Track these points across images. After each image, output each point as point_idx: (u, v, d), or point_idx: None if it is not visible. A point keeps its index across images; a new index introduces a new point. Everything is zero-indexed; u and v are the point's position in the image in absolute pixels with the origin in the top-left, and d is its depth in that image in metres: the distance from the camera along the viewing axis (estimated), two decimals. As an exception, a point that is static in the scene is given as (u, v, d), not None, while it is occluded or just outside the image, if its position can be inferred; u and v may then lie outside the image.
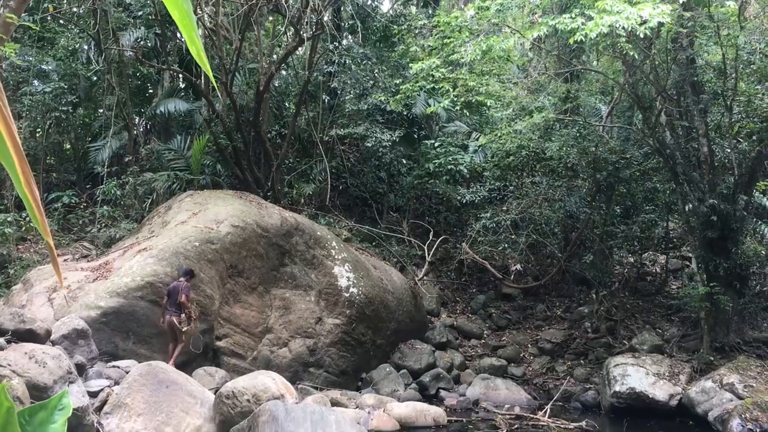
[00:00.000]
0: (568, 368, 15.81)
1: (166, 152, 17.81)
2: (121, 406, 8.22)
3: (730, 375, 11.77)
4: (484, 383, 14.77)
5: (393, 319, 15.59)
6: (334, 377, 14.10)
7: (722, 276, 13.49)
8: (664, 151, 14.26)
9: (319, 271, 14.49)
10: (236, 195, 14.77)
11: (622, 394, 12.78)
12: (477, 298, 19.18)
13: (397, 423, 11.34)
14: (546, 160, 17.63)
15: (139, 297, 11.01)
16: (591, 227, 17.53)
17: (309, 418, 7.64)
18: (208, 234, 12.55)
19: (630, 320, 16.59)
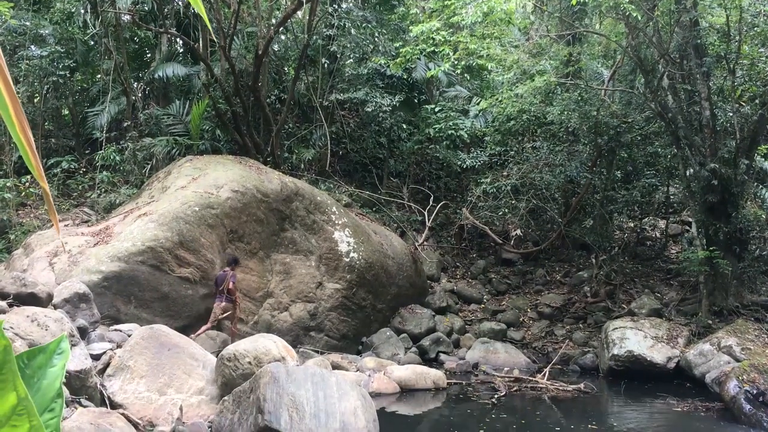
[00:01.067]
0: (566, 332, 15.94)
1: (165, 117, 17.69)
2: (123, 369, 8.29)
3: (728, 338, 11.85)
4: (484, 347, 14.89)
5: (393, 284, 15.65)
6: (335, 341, 14.22)
7: (722, 240, 13.52)
8: (666, 115, 14.16)
9: (319, 236, 14.51)
10: (236, 160, 14.72)
11: (621, 357, 12.89)
12: (477, 263, 19.25)
13: (397, 386, 11.46)
14: (547, 124, 17.53)
15: (140, 262, 11.04)
16: (591, 192, 17.51)
17: (310, 380, 7.71)
18: (208, 199, 12.53)
19: (629, 284, 16.67)
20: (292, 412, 7.28)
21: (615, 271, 16.59)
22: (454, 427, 9.51)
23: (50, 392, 1.02)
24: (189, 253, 11.78)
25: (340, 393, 7.78)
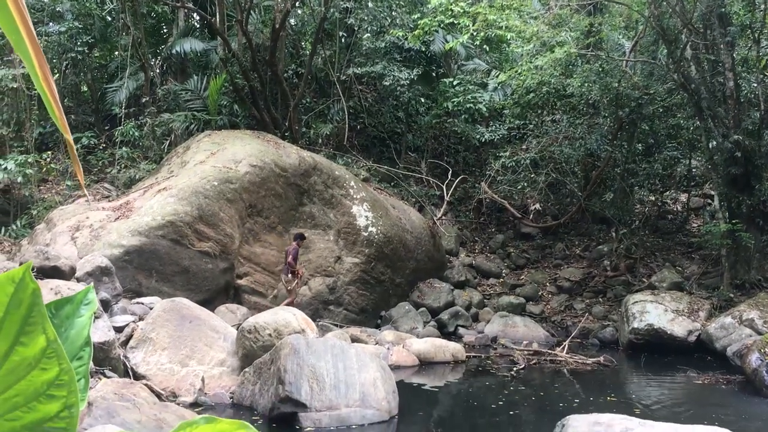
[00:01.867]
0: (586, 306, 15.89)
1: (183, 93, 17.71)
2: (146, 341, 8.39)
3: (750, 311, 11.75)
4: (503, 321, 14.89)
5: (412, 258, 15.66)
6: (354, 315, 14.28)
7: (745, 213, 13.35)
8: (689, 86, 13.93)
9: (337, 210, 14.52)
10: (254, 135, 14.72)
11: (641, 330, 12.84)
12: (496, 237, 19.19)
13: (416, 358, 11.50)
14: (567, 97, 17.31)
15: (161, 236, 11.12)
16: (612, 166, 17.32)
17: (330, 351, 7.76)
18: (227, 173, 12.56)
19: (650, 258, 16.55)
20: (312, 383, 7.34)
21: (635, 245, 16.46)
22: (473, 399, 9.54)
23: (78, 341, 1.02)
24: (208, 227, 11.84)
25: (360, 364, 7.83)
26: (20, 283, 0.81)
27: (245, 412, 7.72)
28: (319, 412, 7.20)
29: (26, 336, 0.83)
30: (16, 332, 0.83)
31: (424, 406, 8.92)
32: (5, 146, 15.18)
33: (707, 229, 14.62)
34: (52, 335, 0.84)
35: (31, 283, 0.82)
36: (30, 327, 0.83)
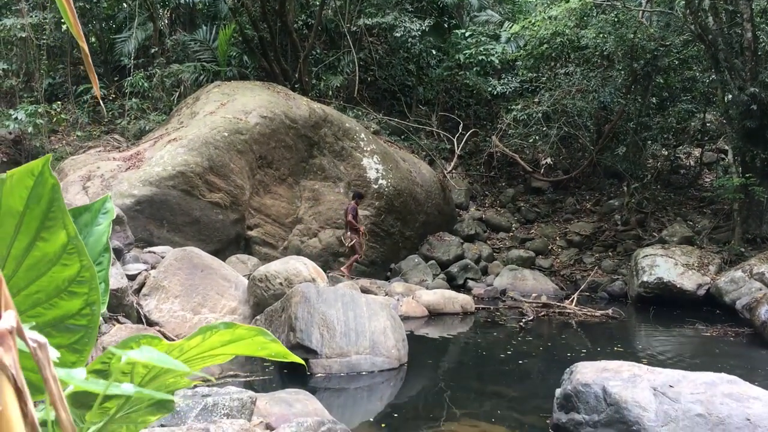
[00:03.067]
0: (596, 260, 15.90)
1: (192, 43, 17.54)
2: (158, 289, 8.47)
3: (761, 265, 11.73)
4: (512, 274, 14.95)
5: (422, 211, 15.67)
6: (364, 267, 14.36)
7: (758, 167, 13.23)
8: (706, 37, 13.66)
9: (347, 162, 14.49)
10: (264, 86, 14.61)
11: (650, 284, 12.86)
12: (506, 191, 19.13)
13: (425, 309, 11.59)
14: (581, 48, 17.03)
15: (171, 186, 11.15)
16: (625, 119, 17.12)
17: (340, 300, 7.82)
18: (237, 124, 12.51)
19: (661, 213, 16.49)
20: (323, 331, 7.42)
21: (647, 199, 16.38)
22: (481, 349, 9.64)
23: (97, 247, 1.02)
24: (219, 178, 11.85)
25: (370, 313, 7.89)
26: (39, 178, 0.80)
27: (257, 359, 7.83)
28: (329, 359, 7.30)
29: (47, 231, 0.83)
30: (37, 227, 0.82)
31: (434, 355, 9.02)
32: (15, 97, 15.14)
33: (720, 183, 14.50)
34: (73, 231, 0.84)
35: (50, 177, 0.82)
36: (50, 222, 0.83)
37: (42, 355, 0.50)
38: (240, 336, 1.01)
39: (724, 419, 4.51)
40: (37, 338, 0.51)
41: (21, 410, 0.47)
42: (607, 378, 5.22)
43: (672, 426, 4.60)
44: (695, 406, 4.65)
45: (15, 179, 0.80)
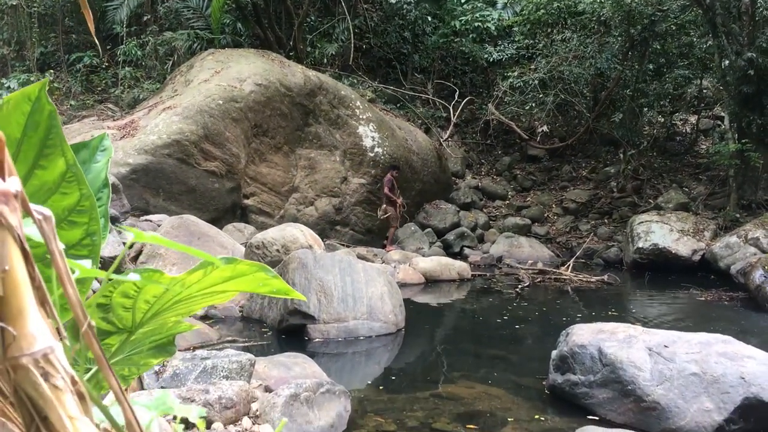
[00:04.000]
0: (591, 227, 15.96)
1: (185, 11, 17.31)
2: (155, 256, 8.48)
3: (756, 230, 11.78)
4: (508, 241, 15.00)
5: (418, 179, 15.65)
6: (360, 235, 14.39)
7: (754, 133, 13.22)
8: (704, 2, 13.54)
9: (343, 131, 14.42)
10: (258, 53, 14.47)
11: (645, 250, 12.93)
12: (502, 159, 19.11)
13: (422, 276, 11.64)
14: (578, 14, 16.88)
15: (167, 155, 11.10)
16: (622, 86, 17.05)
17: (337, 266, 7.85)
18: (232, 92, 12.42)
19: (657, 179, 16.51)
20: (320, 296, 7.45)
21: (643, 166, 16.38)
22: (478, 315, 9.71)
23: (96, 183, 1.01)
24: (214, 146, 11.80)
25: (367, 279, 7.92)
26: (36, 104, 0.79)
27: (254, 325, 7.88)
28: (327, 324, 7.34)
29: (45, 159, 0.82)
30: (35, 156, 0.81)
31: (431, 321, 9.08)
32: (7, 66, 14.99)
33: (716, 149, 14.50)
34: (72, 159, 0.83)
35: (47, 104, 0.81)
36: (49, 150, 0.82)
37: (47, 227, 0.50)
38: (241, 272, 1.01)
39: (718, 378, 4.56)
40: (42, 211, 0.51)
41: (28, 273, 0.47)
42: (602, 339, 5.26)
43: (667, 385, 4.65)
44: (690, 365, 4.70)
45: (11, 105, 0.79)
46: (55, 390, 0.52)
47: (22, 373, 0.51)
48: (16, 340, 0.50)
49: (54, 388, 0.52)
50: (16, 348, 0.50)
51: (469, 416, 5.05)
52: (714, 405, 4.46)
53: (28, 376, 0.51)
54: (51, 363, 0.52)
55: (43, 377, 0.51)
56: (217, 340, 6.83)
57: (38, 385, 0.51)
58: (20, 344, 0.50)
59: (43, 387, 0.51)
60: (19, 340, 0.50)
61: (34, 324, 0.51)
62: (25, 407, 0.52)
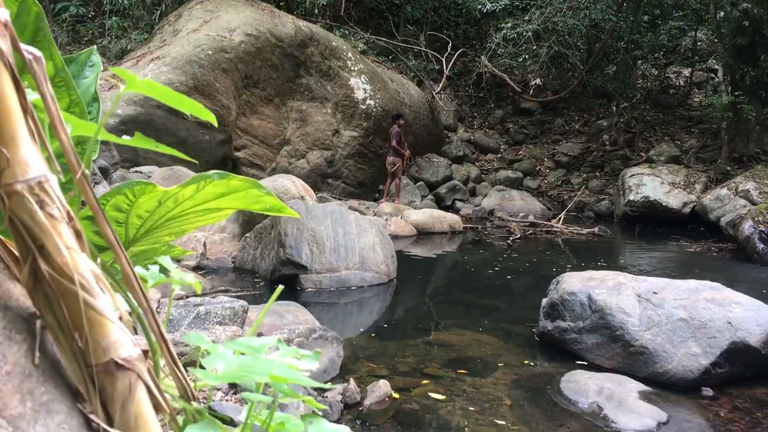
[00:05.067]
0: (583, 180, 15.99)
1: (172, -41, 16.90)
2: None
3: (746, 182, 11.84)
4: (500, 194, 15.03)
5: (410, 132, 15.56)
6: (352, 188, 14.37)
7: (748, 85, 13.17)
8: (701, -49, 13.35)
9: (335, 82, 14.27)
10: (248, 3, 14.20)
11: (636, 202, 12.99)
12: (494, 113, 19.01)
13: (414, 228, 11.68)
14: (573, -37, 16.61)
15: (156, 106, 10.97)
16: (616, 37, 16.88)
17: (329, 217, 7.85)
18: (221, 42, 12.23)
19: (649, 132, 16.49)
20: (312, 247, 7.47)
21: (635, 119, 16.34)
22: (469, 266, 9.76)
23: (86, 98, 0.99)
24: (204, 98, 11.66)
25: (359, 229, 7.94)
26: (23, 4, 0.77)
27: (247, 275, 7.90)
28: (319, 274, 7.37)
29: (33, 63, 0.80)
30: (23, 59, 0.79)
31: (422, 272, 9.13)
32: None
33: (709, 101, 14.46)
34: (60, 63, 0.81)
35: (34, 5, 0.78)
36: (36, 53, 0.80)
37: (38, 68, 0.49)
38: (234, 187, 1.00)
39: (705, 323, 4.63)
40: (32, 51, 0.50)
41: (20, 104, 0.46)
42: (592, 286, 5.32)
43: (655, 330, 4.72)
44: (678, 311, 4.76)
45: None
46: (51, 219, 0.52)
47: (17, 200, 0.51)
48: (9, 166, 0.50)
49: (50, 216, 0.51)
50: (9, 174, 0.50)
51: (460, 362, 5.12)
52: (701, 349, 4.54)
53: (23, 203, 0.51)
54: (46, 191, 0.51)
55: (39, 205, 0.51)
56: (209, 289, 6.86)
57: (34, 212, 0.51)
58: (14, 171, 0.50)
59: (39, 215, 0.51)
60: (13, 167, 0.50)
61: (27, 151, 0.50)
62: (20, 237, 0.52)
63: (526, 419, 4.07)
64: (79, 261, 0.55)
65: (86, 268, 0.58)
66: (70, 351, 0.62)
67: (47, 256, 0.52)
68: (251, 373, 0.72)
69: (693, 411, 4.24)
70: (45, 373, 0.64)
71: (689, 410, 4.25)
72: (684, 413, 4.20)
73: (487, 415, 4.10)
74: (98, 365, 0.63)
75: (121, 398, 0.65)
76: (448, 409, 4.17)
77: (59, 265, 0.55)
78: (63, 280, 0.56)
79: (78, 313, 0.59)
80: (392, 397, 4.29)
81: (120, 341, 0.65)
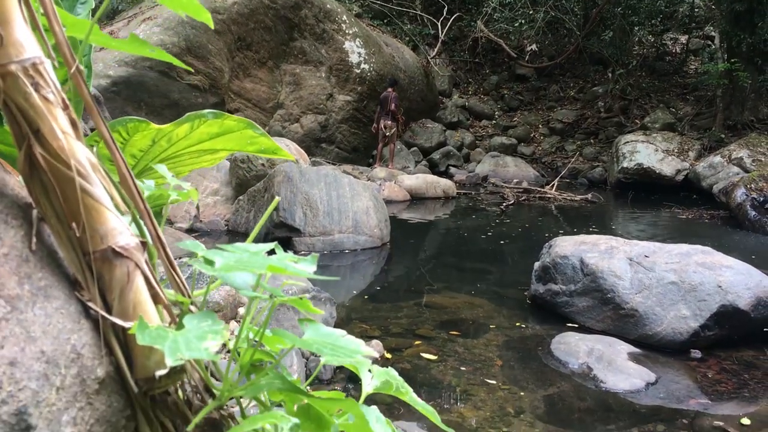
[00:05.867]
0: (577, 147, 15.97)
1: None
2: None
3: (740, 150, 11.84)
4: (494, 161, 15.01)
5: (404, 97, 15.45)
6: (346, 153, 14.32)
7: (744, 52, 13.09)
8: None
9: (329, 46, 14.13)
10: (240, -37, 13.96)
11: (630, 169, 13.00)
12: (490, 78, 18.89)
13: (407, 193, 11.68)
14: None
15: (148, 67, 10.86)
16: (613, 3, 16.70)
17: (323, 180, 7.83)
18: (214, 3, 12.05)
19: (644, 100, 16.43)
20: (306, 210, 7.47)
21: (631, 86, 16.27)
22: (462, 231, 9.78)
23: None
24: (197, 59, 11.55)
25: (353, 193, 7.93)
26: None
27: (240, 238, 7.90)
28: (312, 237, 7.39)
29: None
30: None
31: (415, 236, 9.16)
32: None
33: (705, 68, 14.40)
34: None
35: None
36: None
37: None
38: (229, 128, 0.99)
39: (696, 286, 4.66)
40: None
41: None
42: (585, 250, 5.34)
43: (645, 293, 4.76)
44: (669, 274, 4.80)
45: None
46: (46, 102, 0.51)
47: (11, 81, 0.50)
48: (3, 45, 0.49)
49: (45, 100, 0.51)
50: (3, 54, 0.49)
51: (452, 324, 5.16)
52: (690, 312, 4.58)
53: (17, 84, 0.50)
54: (40, 73, 0.50)
55: (33, 87, 0.50)
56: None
57: (29, 94, 0.50)
58: (8, 51, 0.49)
59: (34, 97, 0.51)
60: (7, 47, 0.49)
61: (21, 32, 0.49)
62: (15, 121, 0.52)
63: (516, 379, 4.12)
64: (76, 147, 0.54)
65: (83, 155, 0.57)
66: (67, 240, 0.63)
67: (43, 141, 0.52)
68: (249, 267, 0.72)
69: (681, 372, 4.30)
70: (42, 260, 0.64)
71: (677, 371, 4.31)
72: (672, 374, 4.26)
73: (478, 375, 4.14)
74: (96, 252, 0.64)
75: (119, 286, 0.66)
76: (440, 369, 4.21)
77: (55, 149, 0.54)
78: (59, 166, 0.56)
79: (74, 200, 0.59)
80: (384, 357, 4.33)
81: (117, 229, 0.66)
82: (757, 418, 3.69)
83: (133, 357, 0.69)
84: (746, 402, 3.91)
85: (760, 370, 4.34)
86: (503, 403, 3.77)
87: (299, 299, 0.84)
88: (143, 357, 0.68)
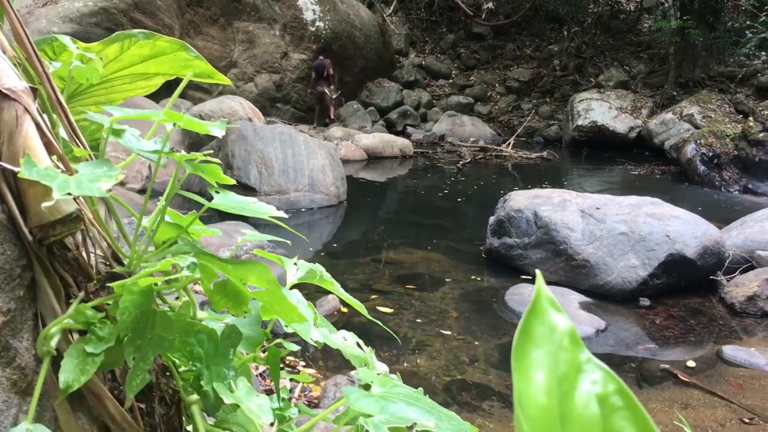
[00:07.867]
0: (533, 106, 16.05)
1: None
2: (88, 129, 8.17)
3: (691, 107, 12.05)
4: (451, 120, 14.99)
5: (360, 56, 15.28)
6: (302, 113, 14.14)
7: (696, 10, 13.22)
8: None
9: (282, 3, 13.82)
10: None
11: (584, 127, 13.14)
12: (446, 37, 18.77)
13: (364, 153, 11.62)
14: None
15: (94, 24, 10.50)
16: (569, -40, 16.68)
17: (278, 138, 7.73)
18: (162, -42, 11.65)
19: (599, 58, 16.54)
20: (261, 168, 7.37)
21: (586, 44, 16.35)
22: (419, 189, 9.81)
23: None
24: (145, 16, 11.19)
25: (309, 152, 7.85)
26: None
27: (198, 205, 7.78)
28: (268, 196, 7.31)
29: None
30: None
31: (372, 195, 9.15)
32: None
33: (658, 25, 14.52)
34: None
35: None
36: None
37: None
38: (161, 49, 0.95)
39: (645, 236, 4.76)
40: None
41: None
42: (538, 204, 5.40)
43: (597, 244, 4.84)
44: (619, 225, 4.89)
45: None
46: None
47: None
48: None
49: None
50: None
51: (409, 278, 5.19)
52: (639, 261, 4.68)
53: None
54: None
55: None
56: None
57: None
58: None
59: None
60: None
61: None
62: None
63: (471, 329, 4.17)
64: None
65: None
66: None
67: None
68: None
69: (630, 319, 4.41)
70: None
71: (627, 319, 4.42)
72: (622, 321, 4.36)
73: (434, 326, 4.18)
74: (-21, 93, 0.62)
75: (7, 130, 0.64)
76: (396, 321, 4.24)
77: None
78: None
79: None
80: (341, 311, 4.34)
81: (4, 71, 0.63)
82: (701, 360, 3.81)
83: (26, 205, 0.67)
84: (692, 346, 4.03)
85: (706, 316, 4.48)
86: (458, 353, 3.82)
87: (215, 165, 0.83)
88: (36, 204, 0.65)
